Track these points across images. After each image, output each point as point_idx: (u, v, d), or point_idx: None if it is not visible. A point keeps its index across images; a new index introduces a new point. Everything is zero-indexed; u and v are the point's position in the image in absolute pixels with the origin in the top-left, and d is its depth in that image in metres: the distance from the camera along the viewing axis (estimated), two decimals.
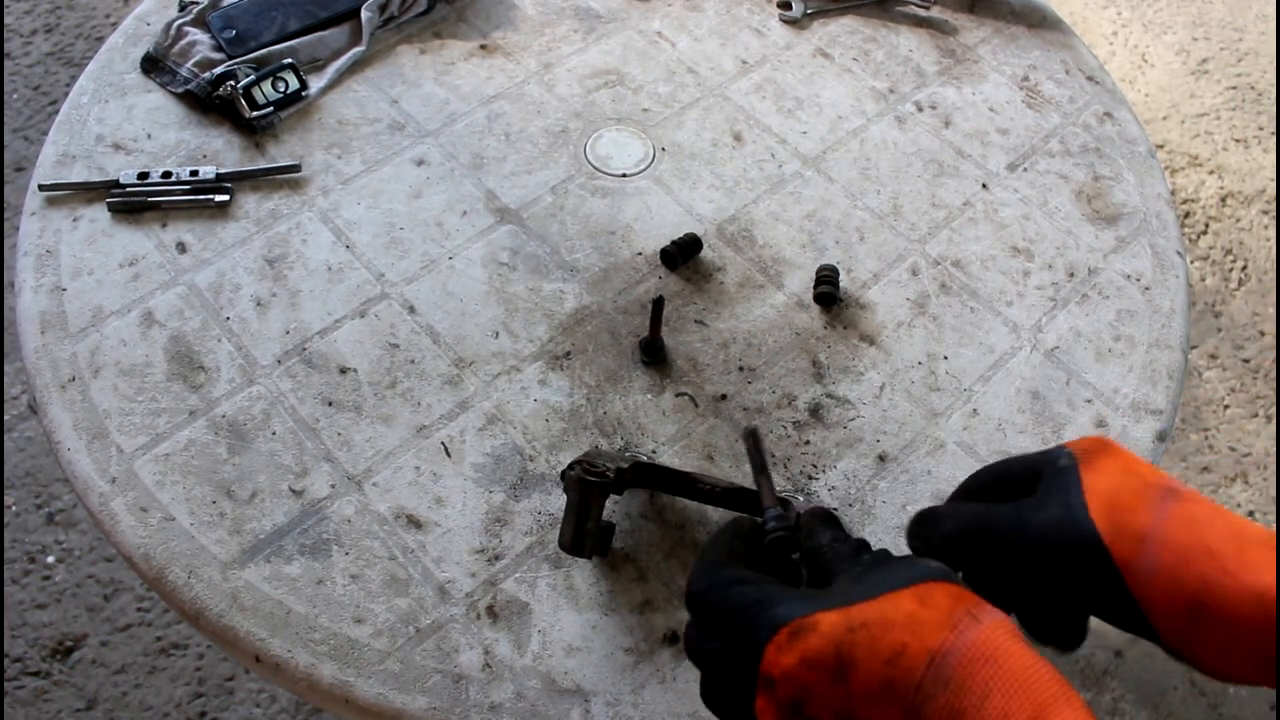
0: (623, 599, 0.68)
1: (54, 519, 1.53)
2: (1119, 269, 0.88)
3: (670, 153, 0.93)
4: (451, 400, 0.77)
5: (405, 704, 0.63)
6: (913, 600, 0.44)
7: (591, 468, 0.64)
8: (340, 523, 0.71)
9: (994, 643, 0.42)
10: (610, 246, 0.86)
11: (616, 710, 0.64)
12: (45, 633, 1.43)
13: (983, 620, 0.43)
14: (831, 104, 0.98)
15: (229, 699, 1.39)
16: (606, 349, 0.80)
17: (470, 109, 0.95)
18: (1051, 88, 1.01)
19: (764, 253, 0.87)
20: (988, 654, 0.41)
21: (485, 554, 0.70)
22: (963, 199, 0.92)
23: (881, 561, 0.48)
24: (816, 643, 0.44)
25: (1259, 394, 1.78)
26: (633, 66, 1.00)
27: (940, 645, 0.42)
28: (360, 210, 0.87)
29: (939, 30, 1.05)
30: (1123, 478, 0.49)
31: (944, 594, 0.44)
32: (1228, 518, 0.47)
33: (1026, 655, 0.42)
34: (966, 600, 0.44)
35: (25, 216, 0.86)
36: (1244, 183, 2.04)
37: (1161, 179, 0.95)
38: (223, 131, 0.92)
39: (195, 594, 0.67)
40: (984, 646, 0.42)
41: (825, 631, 0.44)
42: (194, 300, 0.81)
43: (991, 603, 0.45)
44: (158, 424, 0.74)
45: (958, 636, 0.42)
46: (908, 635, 0.43)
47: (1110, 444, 0.51)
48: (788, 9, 1.05)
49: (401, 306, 0.82)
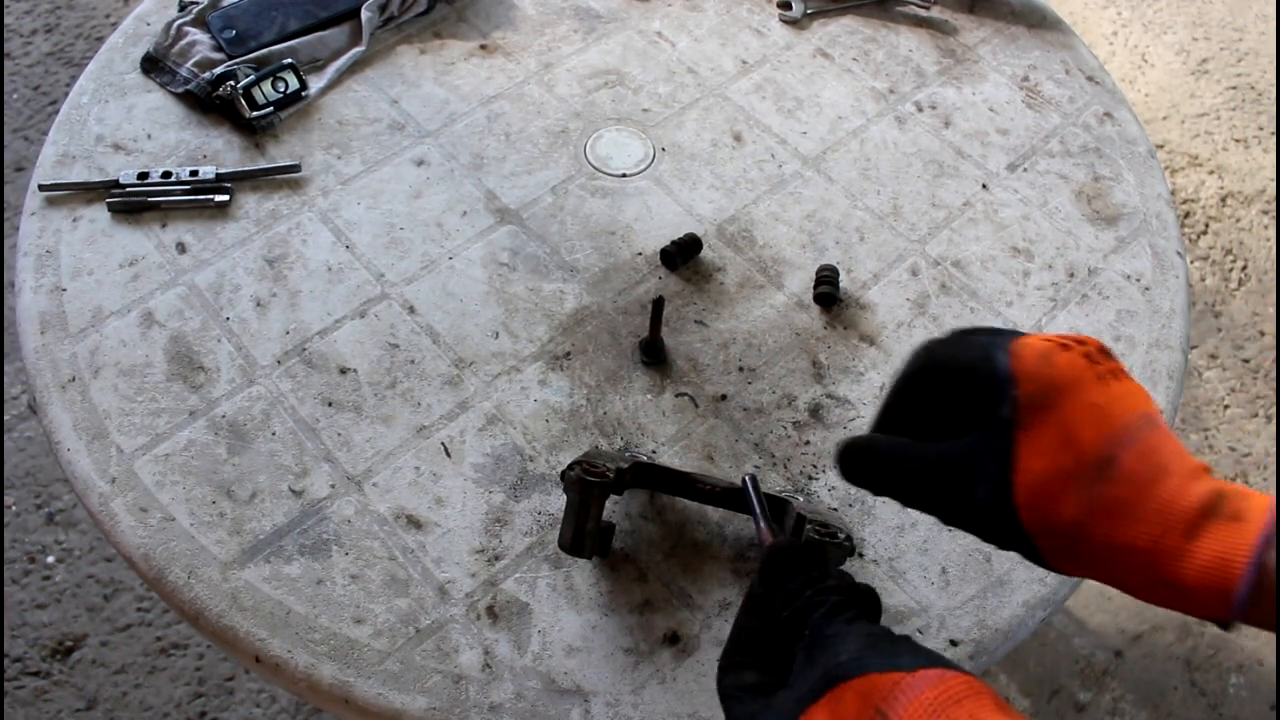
0: (623, 599, 0.68)
1: (54, 519, 1.53)
2: (1119, 269, 0.88)
3: (670, 153, 0.93)
4: (451, 400, 0.77)
5: (405, 704, 0.64)
6: (825, 716, 0.44)
7: (591, 468, 0.64)
8: (340, 523, 0.71)
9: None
10: (610, 247, 0.86)
11: (616, 710, 0.64)
12: (45, 633, 1.43)
13: (892, 716, 0.42)
14: (831, 104, 0.98)
15: (229, 699, 1.39)
16: (606, 349, 0.80)
17: (470, 109, 0.95)
18: (1051, 88, 1.01)
19: (764, 253, 0.87)
20: None
21: (485, 554, 0.70)
22: (963, 199, 0.92)
23: (808, 651, 0.48)
24: None
25: (1259, 394, 1.77)
26: (633, 66, 1.00)
27: None
28: (360, 210, 0.87)
29: (939, 30, 1.05)
30: (1057, 455, 0.48)
31: (853, 697, 0.44)
32: (1158, 492, 0.46)
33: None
34: (876, 694, 0.44)
35: (25, 216, 0.86)
36: (1244, 183, 2.04)
37: (1161, 179, 0.95)
38: (223, 131, 0.92)
39: (195, 594, 0.67)
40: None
41: None
42: (194, 300, 0.81)
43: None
44: (158, 424, 0.74)
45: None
46: None
47: (1056, 387, 0.49)
48: (788, 9, 1.05)
49: (401, 307, 0.82)
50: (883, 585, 0.70)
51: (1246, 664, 1.50)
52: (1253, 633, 1.51)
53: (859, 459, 0.55)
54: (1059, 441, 0.48)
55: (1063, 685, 1.47)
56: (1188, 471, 0.47)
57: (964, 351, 0.51)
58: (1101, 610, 1.53)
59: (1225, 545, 0.44)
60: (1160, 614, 1.53)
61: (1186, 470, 0.47)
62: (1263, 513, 0.45)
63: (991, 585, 0.70)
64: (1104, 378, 0.49)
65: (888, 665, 0.44)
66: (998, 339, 0.51)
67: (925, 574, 0.71)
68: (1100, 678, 1.48)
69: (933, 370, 0.53)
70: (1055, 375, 0.49)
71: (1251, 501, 0.46)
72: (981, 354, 0.50)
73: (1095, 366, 0.49)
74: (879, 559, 0.71)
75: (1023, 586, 0.71)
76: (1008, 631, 0.69)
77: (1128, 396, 0.49)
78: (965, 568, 0.71)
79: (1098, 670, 1.48)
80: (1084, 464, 0.47)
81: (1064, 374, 0.49)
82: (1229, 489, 0.46)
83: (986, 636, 0.69)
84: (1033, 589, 0.70)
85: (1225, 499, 0.46)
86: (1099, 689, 1.47)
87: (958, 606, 0.69)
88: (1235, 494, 0.46)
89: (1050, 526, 0.48)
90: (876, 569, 0.71)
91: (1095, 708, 1.45)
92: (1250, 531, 0.44)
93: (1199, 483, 0.46)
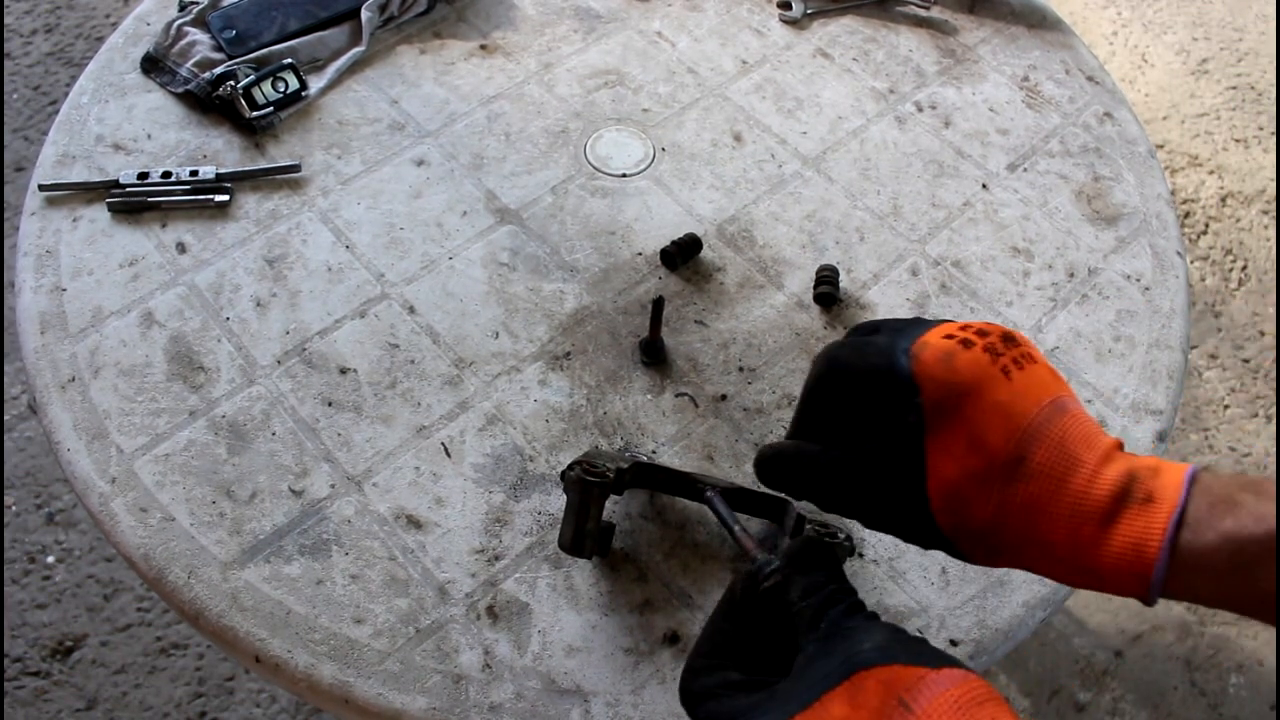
0: (623, 599, 0.68)
1: (54, 519, 1.53)
2: (1119, 269, 0.88)
3: (670, 153, 0.93)
4: (451, 400, 0.77)
5: (405, 704, 0.64)
6: (843, 703, 0.43)
7: (591, 468, 0.64)
8: (340, 523, 0.71)
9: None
10: (610, 247, 0.86)
11: (616, 710, 0.64)
12: (45, 633, 1.43)
13: (915, 708, 0.42)
14: (831, 104, 0.98)
15: (229, 699, 1.39)
16: (606, 349, 0.80)
17: (470, 109, 0.95)
18: (1051, 88, 1.01)
19: (764, 253, 0.87)
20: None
21: (485, 554, 0.70)
22: (963, 199, 0.92)
23: (829, 638, 0.47)
24: None
25: (1259, 394, 1.77)
26: (633, 66, 1.00)
27: None
28: (360, 210, 0.87)
29: (939, 30, 1.05)
30: (966, 459, 0.48)
31: (875, 686, 0.43)
32: (1070, 485, 0.47)
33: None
34: (899, 685, 0.43)
35: (25, 216, 0.86)
36: (1244, 183, 2.04)
37: (1161, 179, 0.95)
38: (223, 131, 0.92)
39: (195, 594, 0.67)
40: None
41: None
42: (194, 300, 0.81)
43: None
44: (158, 424, 0.74)
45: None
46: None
47: (959, 390, 0.49)
48: (788, 9, 1.05)
49: (401, 307, 0.82)
50: (883, 585, 0.70)
51: (1246, 664, 1.50)
52: (1253, 632, 1.51)
53: (770, 468, 0.56)
54: (967, 445, 0.48)
55: (1063, 685, 1.47)
56: (1099, 458, 0.47)
57: (865, 357, 0.51)
58: (1101, 610, 1.53)
59: (1138, 531, 0.45)
60: (1160, 614, 1.53)
61: (1098, 456, 0.47)
62: (1175, 490, 0.45)
63: (991, 585, 0.70)
64: (1008, 371, 0.49)
65: (913, 659, 0.44)
66: (898, 340, 0.51)
67: (925, 574, 0.71)
68: (1100, 678, 1.48)
69: (836, 376, 0.53)
70: (957, 378, 0.49)
71: (1163, 478, 0.46)
72: (882, 359, 0.50)
73: (999, 360, 0.49)
74: (879, 559, 0.71)
75: (1023, 586, 0.71)
76: (1008, 631, 0.69)
77: (1034, 387, 0.49)
78: (965, 568, 0.71)
79: (1098, 670, 1.48)
80: (994, 465, 0.48)
81: (966, 375, 0.48)
82: (1141, 468, 0.47)
83: (986, 636, 0.69)
84: (1033, 589, 0.70)
85: (1137, 481, 0.46)
86: (1099, 689, 1.47)
87: (958, 606, 0.69)
88: (1147, 473, 0.46)
89: (967, 528, 0.49)
90: (876, 569, 0.71)
91: (1095, 708, 1.45)
92: (1161, 514, 0.45)
93: (1111, 467, 0.47)
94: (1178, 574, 0.45)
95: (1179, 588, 0.45)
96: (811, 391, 0.55)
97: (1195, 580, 0.45)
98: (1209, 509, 0.44)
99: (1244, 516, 0.44)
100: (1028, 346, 0.51)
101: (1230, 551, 0.44)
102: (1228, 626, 1.52)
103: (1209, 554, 0.44)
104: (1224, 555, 0.44)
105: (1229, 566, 0.44)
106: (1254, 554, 0.43)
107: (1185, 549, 0.44)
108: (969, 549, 0.50)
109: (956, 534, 0.49)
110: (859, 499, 0.52)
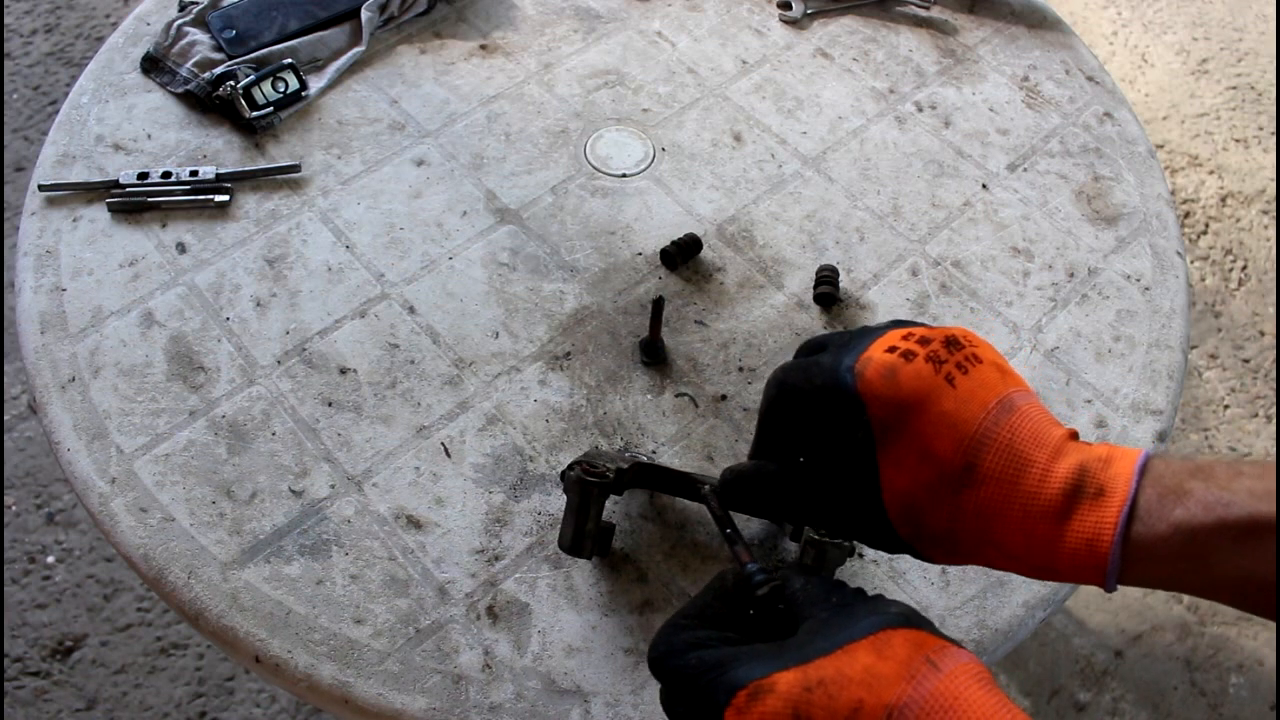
0: (623, 599, 0.68)
1: (54, 519, 1.53)
2: (1119, 269, 0.88)
3: (670, 153, 0.93)
4: (451, 400, 0.77)
5: (405, 704, 0.64)
6: (870, 653, 0.43)
7: (591, 468, 0.64)
8: (340, 523, 0.71)
9: (953, 692, 0.42)
10: (610, 247, 0.86)
11: (616, 710, 0.64)
12: (45, 633, 1.43)
13: (943, 668, 0.42)
14: (831, 104, 0.98)
15: (229, 699, 1.39)
16: (606, 349, 0.80)
17: (470, 109, 0.95)
18: (1051, 88, 1.01)
19: (764, 253, 0.87)
20: (946, 704, 0.41)
21: (485, 554, 0.70)
22: (963, 199, 0.92)
23: (846, 606, 0.47)
24: (774, 704, 0.43)
25: (1259, 394, 1.78)
26: (633, 66, 1.00)
27: (897, 699, 0.42)
28: (360, 210, 0.87)
29: (939, 30, 1.05)
30: (918, 471, 0.49)
31: (903, 642, 0.44)
32: (1022, 487, 0.48)
33: (987, 702, 0.41)
34: (927, 646, 0.43)
35: (25, 216, 0.86)
36: (1244, 183, 2.04)
37: (1161, 179, 0.95)
38: (223, 131, 0.92)
39: (195, 594, 0.67)
40: (942, 697, 0.41)
41: (782, 692, 0.43)
42: (194, 300, 0.81)
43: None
44: (158, 424, 0.74)
45: (915, 688, 0.42)
46: (864, 691, 0.42)
47: (904, 405, 0.49)
48: (788, 9, 1.05)
49: (401, 307, 0.82)
50: (883, 585, 0.70)
51: (1246, 664, 1.50)
52: (1253, 632, 1.51)
53: (732, 491, 0.57)
54: (917, 457, 0.49)
55: (1063, 685, 1.47)
56: (1049, 455, 0.48)
57: (811, 378, 0.53)
58: (1101, 610, 1.53)
59: (1090, 528, 0.46)
60: (1160, 614, 1.53)
61: (1048, 454, 0.48)
62: (1125, 481, 0.46)
63: (991, 585, 0.70)
64: (952, 378, 0.50)
65: (936, 633, 0.45)
66: (842, 357, 0.52)
67: (925, 574, 0.70)
68: (1100, 678, 1.48)
69: (786, 398, 0.54)
70: (902, 393, 0.49)
71: (1114, 468, 0.47)
72: (828, 378, 0.52)
73: (942, 368, 0.50)
74: (879, 559, 0.71)
75: (1023, 586, 0.71)
76: (1008, 631, 0.69)
77: (979, 390, 0.50)
78: (965, 568, 0.71)
79: (1098, 670, 1.48)
80: (945, 475, 0.49)
81: (910, 390, 0.49)
82: (1092, 460, 0.47)
83: (986, 636, 0.69)
84: (1033, 589, 0.70)
85: (1088, 475, 0.47)
86: (1099, 689, 1.47)
87: (958, 606, 0.69)
88: (1098, 465, 0.47)
89: (926, 535, 0.50)
90: (876, 569, 0.71)
91: (1095, 708, 1.45)
92: (1113, 508, 0.46)
93: (1061, 463, 0.48)
94: (1132, 564, 0.46)
95: (1134, 576, 0.46)
96: (766, 414, 0.56)
97: (1149, 569, 0.46)
98: (1159, 499, 0.46)
99: (1193, 505, 0.45)
100: (973, 346, 0.51)
101: (1181, 541, 0.45)
102: (1228, 626, 1.52)
103: (1160, 544, 0.45)
104: (1175, 544, 0.45)
105: (1180, 554, 0.45)
106: (1204, 542, 0.45)
107: (1137, 540, 0.45)
108: (930, 553, 0.51)
109: (916, 540, 0.51)
110: (819, 514, 0.54)
